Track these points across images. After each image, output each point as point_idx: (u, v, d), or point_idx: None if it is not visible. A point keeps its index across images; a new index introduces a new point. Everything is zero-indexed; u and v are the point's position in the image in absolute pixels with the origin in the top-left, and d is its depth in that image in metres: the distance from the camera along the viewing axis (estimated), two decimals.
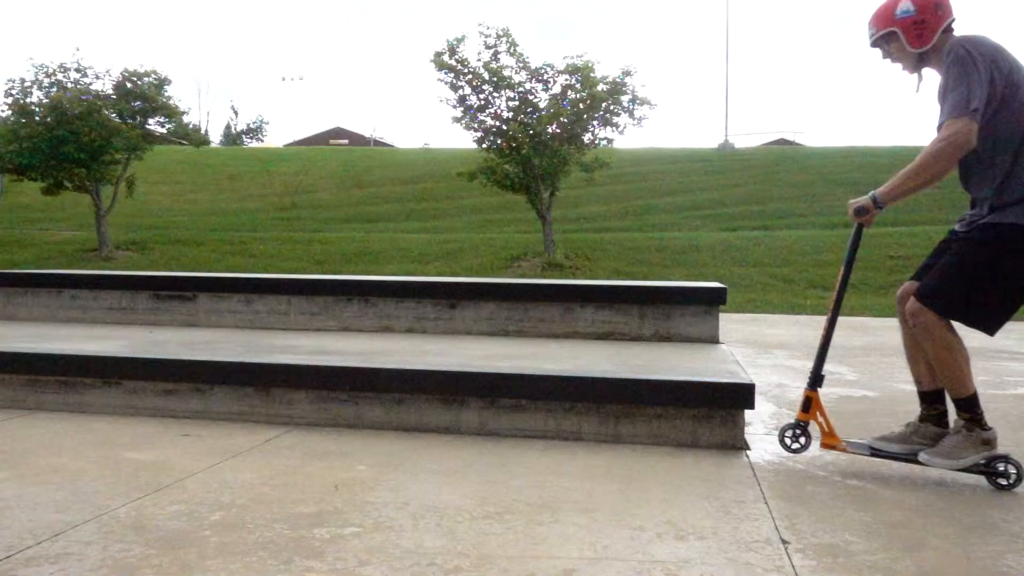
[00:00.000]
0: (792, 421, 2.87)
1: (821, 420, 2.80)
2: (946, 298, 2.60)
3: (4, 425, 3.36)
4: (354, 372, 3.40)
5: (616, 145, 14.86)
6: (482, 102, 14.01)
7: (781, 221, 17.60)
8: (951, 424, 2.74)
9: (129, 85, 14.93)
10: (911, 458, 2.74)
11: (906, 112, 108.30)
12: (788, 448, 2.86)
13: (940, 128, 2.56)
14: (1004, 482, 2.62)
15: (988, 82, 2.50)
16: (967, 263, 2.61)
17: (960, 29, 2.68)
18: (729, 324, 6.38)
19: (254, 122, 65.31)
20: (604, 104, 13.59)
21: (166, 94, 15.41)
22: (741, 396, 3.05)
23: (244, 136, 62.46)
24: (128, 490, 2.49)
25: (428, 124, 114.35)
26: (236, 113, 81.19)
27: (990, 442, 2.63)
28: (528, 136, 13.42)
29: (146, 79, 15.06)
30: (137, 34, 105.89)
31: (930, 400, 2.83)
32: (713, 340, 4.47)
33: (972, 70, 2.49)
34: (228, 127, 63.80)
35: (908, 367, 2.91)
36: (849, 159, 23.43)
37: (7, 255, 14.86)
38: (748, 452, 3.03)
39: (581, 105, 13.53)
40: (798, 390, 4.26)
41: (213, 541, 2.09)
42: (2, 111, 15.14)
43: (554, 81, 13.92)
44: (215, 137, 56.92)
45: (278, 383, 3.43)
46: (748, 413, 3.18)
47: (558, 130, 13.58)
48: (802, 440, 2.84)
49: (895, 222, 15.89)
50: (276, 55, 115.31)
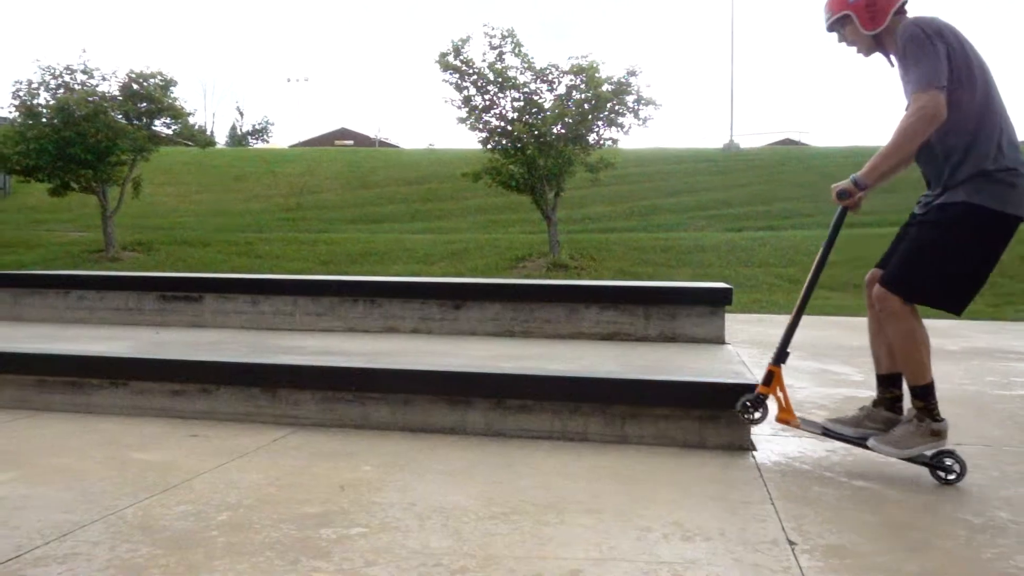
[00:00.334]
0: (753, 393, 2.89)
1: (780, 395, 2.84)
2: (908, 282, 2.64)
3: (12, 425, 3.38)
4: (360, 373, 3.41)
5: (621, 145, 14.86)
6: (487, 103, 14.02)
7: (787, 221, 17.56)
8: (905, 410, 2.78)
9: (135, 86, 14.97)
10: (860, 443, 2.79)
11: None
12: (747, 420, 2.90)
13: (908, 105, 2.57)
14: (948, 476, 2.66)
15: (946, 57, 2.54)
16: (924, 245, 2.65)
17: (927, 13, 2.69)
18: (735, 325, 6.36)
19: (259, 123, 65.35)
20: (609, 104, 13.58)
21: (172, 95, 15.46)
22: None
23: (249, 137, 62.57)
24: (135, 490, 2.50)
25: (433, 125, 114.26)
26: (241, 114, 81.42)
27: (939, 433, 2.66)
28: (533, 137, 13.42)
29: (152, 80, 15.10)
30: (143, 36, 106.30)
31: (887, 384, 2.88)
32: (719, 341, 4.46)
33: (929, 47, 2.53)
34: (233, 128, 63.91)
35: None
36: (854, 159, 23.33)
37: (14, 256, 14.93)
38: (754, 453, 3.02)
39: (586, 105, 13.53)
40: (804, 391, 4.26)
41: (220, 541, 2.09)
42: (9, 113, 15.22)
43: (559, 82, 13.92)
44: (221, 138, 57.04)
45: (284, 384, 3.44)
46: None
47: (563, 130, 13.58)
48: (760, 412, 2.88)
49: (898, 223, 15.86)
50: (281, 56, 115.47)
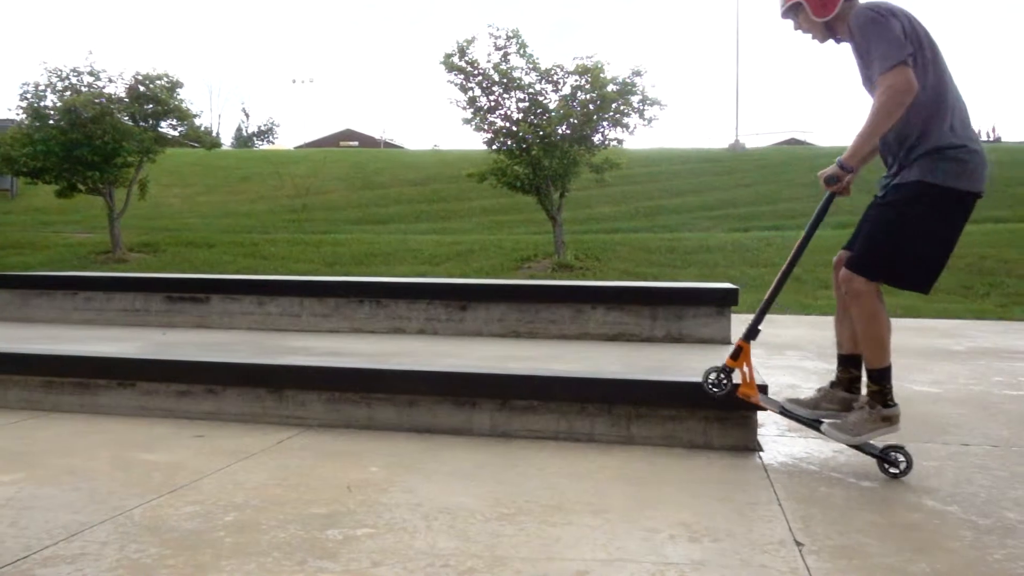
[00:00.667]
0: (720, 364, 2.92)
1: (745, 370, 2.88)
2: (870, 263, 2.70)
3: (21, 426, 3.39)
4: (366, 373, 3.41)
5: (626, 146, 14.84)
6: (492, 103, 14.02)
7: (792, 221, 17.51)
8: (862, 391, 2.84)
9: (142, 88, 15.02)
10: (815, 425, 2.83)
11: None
12: (710, 390, 2.93)
13: (878, 85, 2.59)
14: (894, 470, 2.71)
15: (903, 35, 2.58)
16: (883, 226, 2.70)
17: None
18: (741, 325, 6.34)
19: (265, 124, 65.61)
20: (614, 105, 13.57)
21: (178, 97, 15.50)
22: None
23: (255, 138, 62.73)
24: (143, 491, 2.51)
25: (437, 126, 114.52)
26: (247, 115, 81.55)
27: (890, 419, 2.72)
28: (538, 137, 13.42)
29: (158, 82, 15.15)
30: (149, 38, 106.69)
31: (846, 364, 2.96)
32: (725, 341, 4.45)
33: (886, 26, 2.58)
34: (239, 129, 64.08)
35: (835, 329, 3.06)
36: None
37: (21, 257, 14.99)
38: (761, 454, 3.02)
39: (591, 106, 13.52)
40: (811, 391, 4.24)
41: (228, 542, 2.10)
42: (16, 115, 15.28)
43: (564, 82, 13.91)
44: (226, 139, 57.20)
45: (291, 384, 3.44)
46: (761, 415, 3.17)
47: (568, 131, 13.57)
48: (724, 384, 2.91)
49: None
50: (287, 58, 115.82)
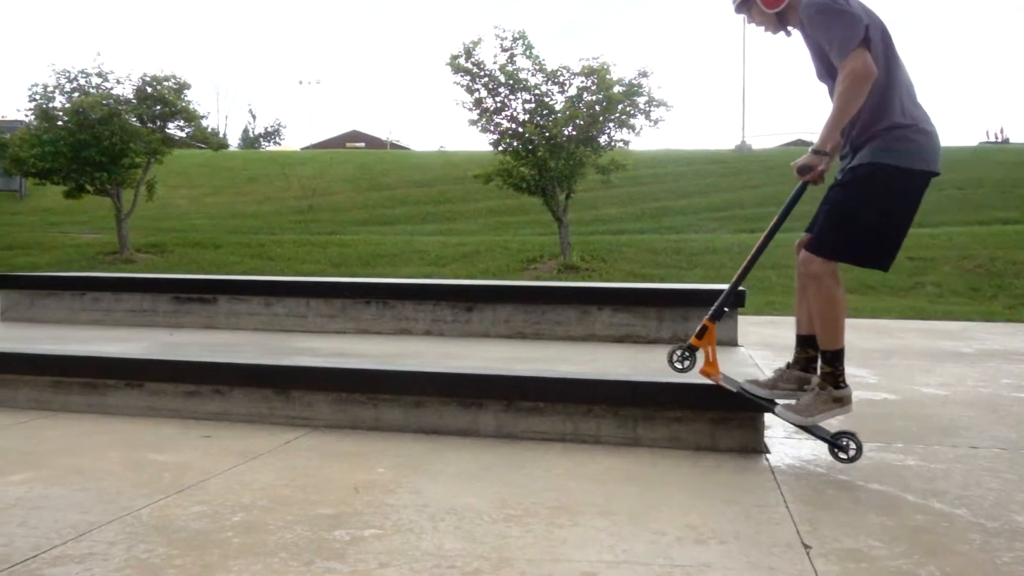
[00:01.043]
0: (685, 343, 2.97)
1: (708, 350, 2.94)
2: (828, 244, 2.76)
3: (29, 426, 3.41)
4: (373, 374, 3.42)
5: (632, 147, 14.83)
6: (498, 105, 14.03)
7: (799, 223, 17.42)
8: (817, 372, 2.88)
9: (149, 89, 15.09)
10: (769, 406, 2.88)
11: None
12: (674, 367, 2.98)
13: (839, 72, 2.63)
14: (843, 455, 2.79)
15: (855, 14, 2.61)
16: (839, 206, 2.77)
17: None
18: (747, 327, 6.33)
19: (272, 125, 65.65)
20: (620, 106, 13.56)
21: (186, 98, 15.56)
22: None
23: (262, 139, 62.89)
24: (151, 491, 2.52)
25: (443, 127, 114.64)
26: (254, 116, 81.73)
27: (841, 400, 2.79)
28: (544, 138, 13.42)
29: (166, 83, 15.21)
30: (156, 39, 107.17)
31: (804, 344, 3.00)
32: (731, 343, 4.45)
33: (839, 11, 2.62)
34: (246, 130, 64.24)
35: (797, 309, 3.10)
36: None
37: (29, 258, 15.06)
38: (768, 456, 3.01)
39: (597, 107, 13.52)
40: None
41: (235, 542, 2.11)
42: (25, 116, 15.36)
43: (570, 83, 13.92)
44: (233, 140, 57.35)
45: (297, 385, 3.45)
46: (767, 416, 3.16)
47: (574, 132, 13.57)
48: (688, 363, 2.97)
49: (918, 223, 15.71)
50: (293, 59, 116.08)
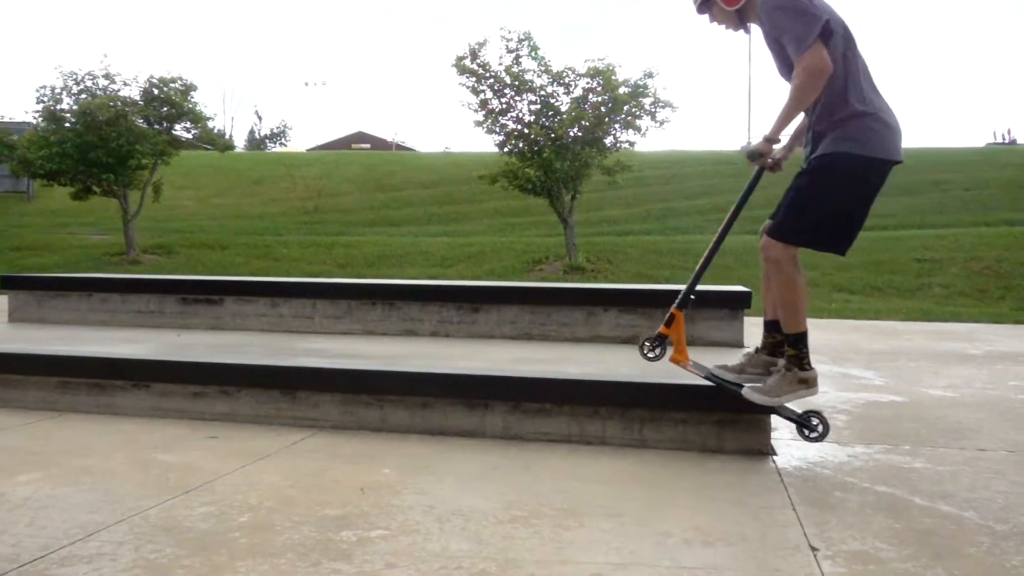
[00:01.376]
0: (655, 333, 3.03)
1: (677, 338, 3.01)
2: (788, 229, 2.82)
3: (38, 426, 3.42)
4: (379, 376, 3.42)
5: (638, 148, 14.81)
6: (504, 106, 14.03)
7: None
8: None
9: (156, 91, 15.14)
10: (737, 389, 2.92)
11: (929, 114, 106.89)
12: (646, 356, 3.04)
13: (795, 66, 2.69)
14: (811, 434, 2.86)
15: (813, 7, 2.67)
16: (799, 193, 2.83)
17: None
18: (754, 328, 6.31)
19: (277, 127, 65.97)
20: (626, 107, 13.55)
21: (192, 100, 15.61)
22: None
23: (268, 141, 63.07)
24: (158, 491, 2.53)
25: (449, 128, 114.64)
26: (260, 118, 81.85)
27: (807, 381, 2.83)
28: (549, 139, 13.42)
29: (172, 85, 15.27)
30: (163, 41, 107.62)
31: (771, 329, 3.06)
32: (738, 344, 4.44)
33: (796, 7, 2.68)
34: (252, 132, 64.45)
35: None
36: None
37: (37, 259, 15.12)
38: (775, 457, 3.00)
39: (603, 108, 13.51)
40: (824, 395, 4.22)
41: (242, 543, 2.11)
42: (33, 118, 15.42)
43: (575, 84, 13.91)
44: (239, 142, 57.53)
45: (304, 386, 3.46)
46: (774, 418, 3.15)
47: (579, 133, 13.57)
48: (658, 351, 3.03)
49: (922, 224, 15.68)
50: (299, 61, 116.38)
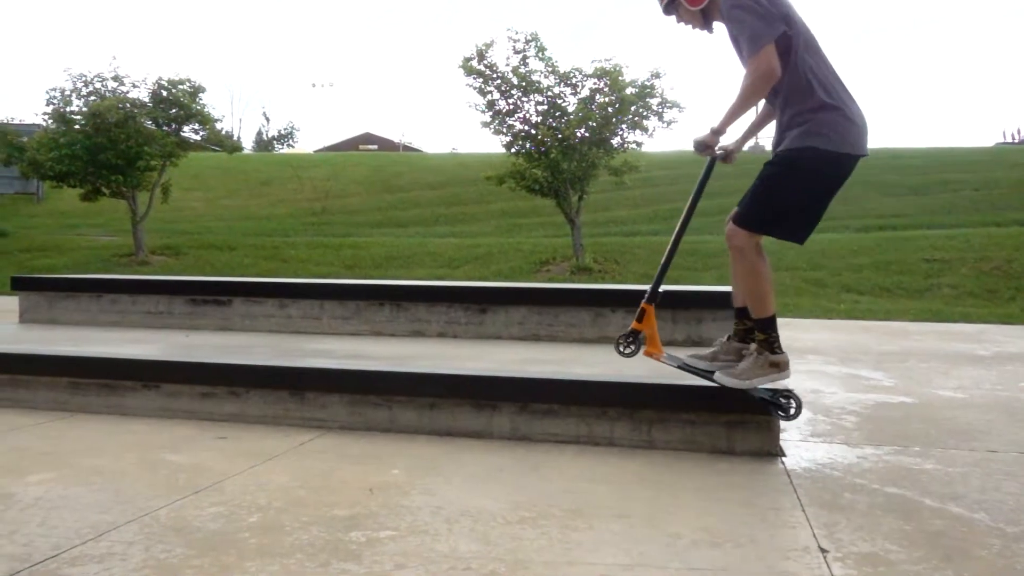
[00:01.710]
0: (628, 329, 3.08)
1: (650, 332, 3.06)
2: (749, 216, 2.90)
3: (48, 427, 3.44)
4: (387, 376, 3.43)
5: (645, 148, 14.78)
6: (511, 107, 14.03)
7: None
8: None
9: (164, 93, 15.20)
10: (709, 375, 2.98)
11: (938, 114, 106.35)
12: (621, 353, 3.08)
13: (747, 66, 2.80)
14: (783, 414, 2.90)
15: (771, 11, 2.75)
16: (763, 183, 2.92)
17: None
18: None
19: (285, 128, 65.97)
20: (633, 107, 13.53)
21: (200, 102, 15.65)
22: None
23: (275, 142, 63.25)
24: (168, 492, 2.54)
25: (456, 129, 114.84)
26: (267, 119, 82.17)
27: (777, 364, 2.88)
28: (556, 140, 13.41)
29: (181, 87, 15.32)
30: (171, 43, 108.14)
31: (740, 316, 3.12)
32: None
33: (753, 9, 2.75)
34: (259, 133, 64.64)
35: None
36: (882, 161, 23.04)
37: (47, 260, 15.20)
38: (783, 459, 2.99)
39: (610, 109, 13.49)
40: (833, 396, 4.21)
41: (252, 543, 2.12)
42: (43, 120, 15.50)
43: (583, 85, 13.89)
44: (247, 143, 57.72)
45: (312, 387, 3.47)
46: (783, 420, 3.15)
47: (586, 134, 13.56)
48: (633, 347, 3.07)
49: (932, 224, 15.60)
50: (306, 62, 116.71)
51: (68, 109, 15.08)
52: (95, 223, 19.41)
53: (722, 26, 2.96)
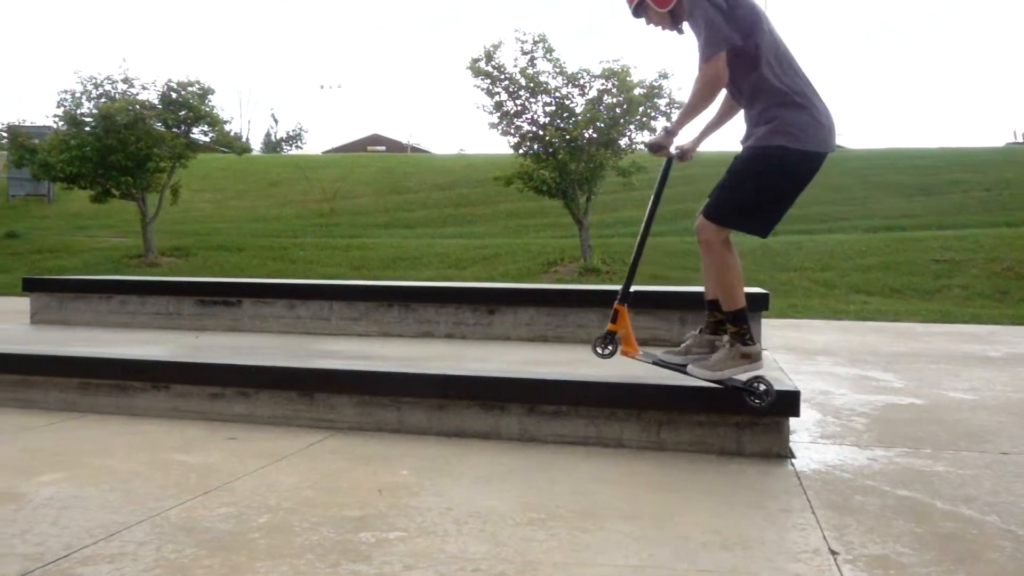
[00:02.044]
0: (603, 332, 3.14)
1: (624, 332, 3.10)
2: (717, 210, 2.97)
3: (59, 427, 3.46)
4: (396, 377, 3.43)
5: None
6: (519, 108, 14.03)
7: (822, 225, 17.29)
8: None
9: (174, 95, 15.27)
10: (682, 369, 3.02)
11: (948, 114, 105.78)
12: (599, 354, 3.14)
13: (698, 70, 2.88)
14: (756, 400, 2.88)
15: (725, 17, 2.82)
16: (730, 178, 2.99)
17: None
18: (770, 330, 6.28)
19: (293, 130, 66.28)
20: (641, 108, 13.51)
21: (209, 103, 15.71)
22: (786, 403, 3.00)
23: (284, 143, 63.44)
24: (178, 492, 2.55)
25: (463, 130, 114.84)
26: (276, 121, 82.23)
27: (749, 355, 2.92)
28: (564, 141, 13.41)
29: (190, 89, 15.39)
30: (180, 45, 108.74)
31: (712, 308, 3.14)
32: None
33: (707, 14, 2.82)
34: (268, 135, 64.87)
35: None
36: (890, 161, 22.95)
37: (58, 261, 15.30)
38: (793, 461, 2.98)
39: (617, 110, 13.48)
40: (843, 397, 4.19)
41: (262, 543, 2.13)
42: (54, 122, 15.59)
43: (590, 86, 13.88)
44: (255, 144, 57.91)
45: (321, 388, 3.48)
46: (792, 421, 3.14)
47: (594, 135, 13.55)
48: (610, 347, 3.13)
49: (941, 225, 15.51)
50: (315, 63, 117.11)
51: (79, 111, 15.16)
52: (105, 224, 19.52)
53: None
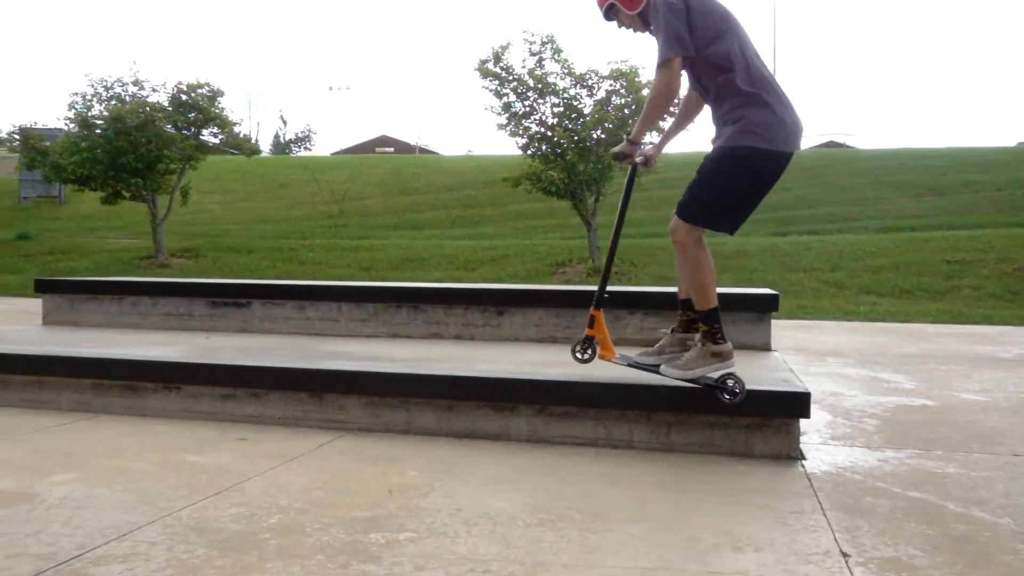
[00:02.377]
0: (582, 337, 3.21)
1: (601, 336, 3.17)
2: (688, 209, 3.01)
3: (71, 427, 3.49)
4: (405, 378, 3.44)
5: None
6: (527, 109, 14.04)
7: (832, 225, 17.22)
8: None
9: (184, 97, 15.34)
10: (655, 369, 3.06)
11: (958, 114, 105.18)
12: (579, 359, 3.21)
13: (654, 75, 2.94)
14: (728, 397, 2.91)
15: (685, 22, 2.86)
16: (700, 177, 3.04)
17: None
18: (780, 331, 6.25)
19: (302, 131, 66.52)
20: None
21: (219, 105, 15.78)
22: (796, 405, 3.00)
23: (292, 145, 63.67)
24: (190, 492, 2.56)
25: (471, 131, 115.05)
26: (285, 122, 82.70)
27: (720, 354, 2.96)
28: (573, 142, 13.40)
29: (200, 91, 15.46)
30: (190, 48, 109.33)
31: (684, 307, 3.19)
32: (765, 347, 4.40)
33: (666, 20, 2.85)
34: (277, 136, 65.15)
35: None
36: (901, 161, 22.84)
37: (69, 262, 15.39)
38: (804, 462, 2.97)
39: (626, 110, 13.46)
40: (854, 398, 4.17)
41: (272, 544, 2.14)
42: (65, 125, 15.70)
43: (599, 87, 13.88)
44: (265, 146, 58.12)
45: (331, 389, 3.49)
46: (803, 422, 3.13)
47: (603, 136, 13.53)
48: (589, 352, 3.21)
49: (952, 225, 15.42)
50: (323, 65, 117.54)
51: (90, 114, 15.25)
52: (116, 226, 19.63)
53: None
